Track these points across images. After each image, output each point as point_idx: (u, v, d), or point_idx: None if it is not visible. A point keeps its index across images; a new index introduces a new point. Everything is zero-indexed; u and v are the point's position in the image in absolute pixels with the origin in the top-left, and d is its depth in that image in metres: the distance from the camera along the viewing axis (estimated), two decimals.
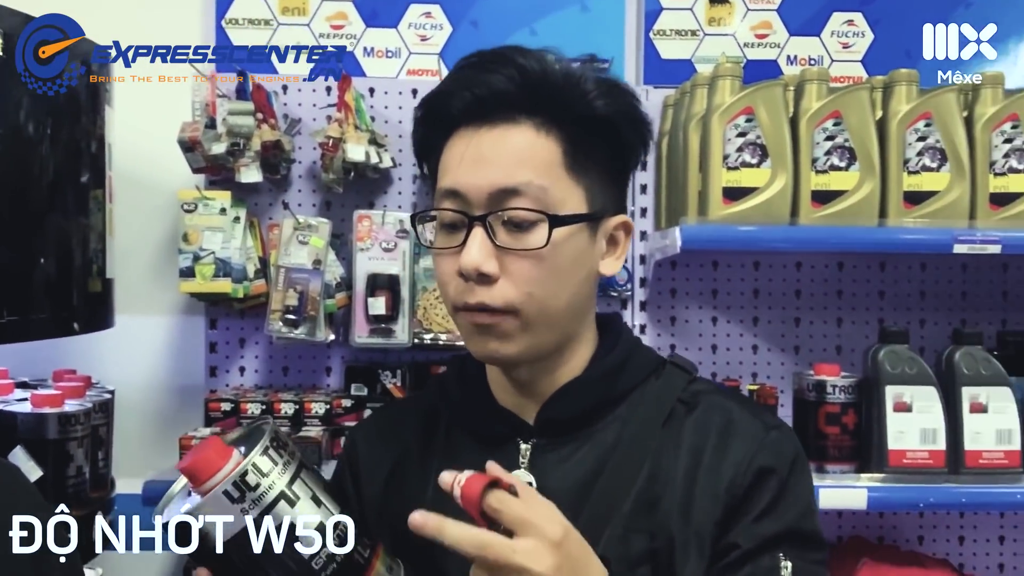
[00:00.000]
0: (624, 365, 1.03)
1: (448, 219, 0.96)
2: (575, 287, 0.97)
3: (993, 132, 1.78)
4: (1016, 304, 2.15)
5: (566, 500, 0.93)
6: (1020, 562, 2.17)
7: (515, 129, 0.94)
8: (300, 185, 2.08)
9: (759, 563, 0.92)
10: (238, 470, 0.79)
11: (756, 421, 0.99)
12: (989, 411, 1.76)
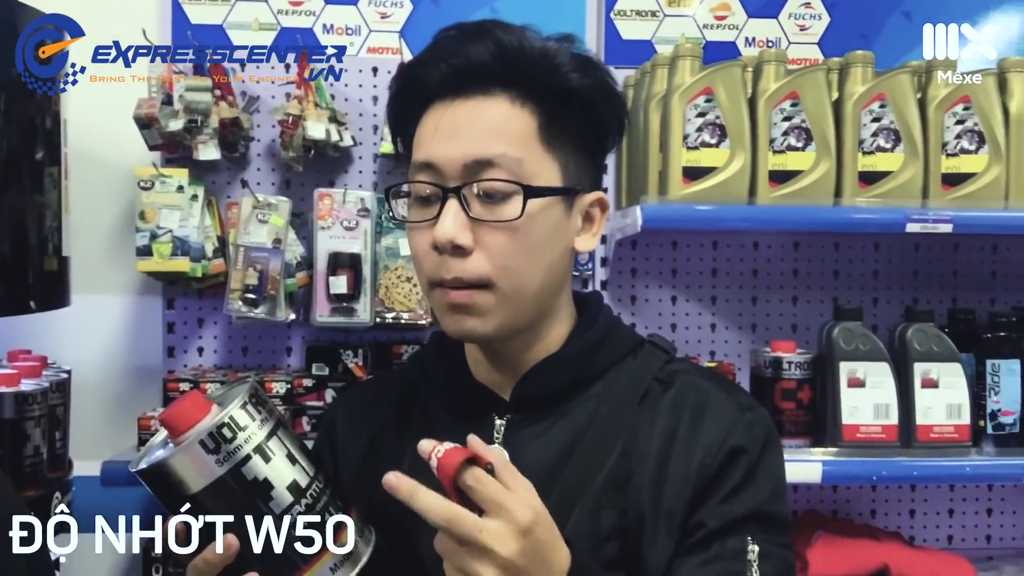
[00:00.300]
0: (602, 343, 1.03)
1: (422, 192, 0.95)
2: (550, 262, 0.97)
3: (946, 113, 1.81)
4: (966, 283, 2.21)
5: (539, 476, 0.93)
6: (968, 534, 2.24)
7: (490, 101, 0.94)
8: (259, 163, 2.06)
9: (726, 544, 0.93)
10: (215, 422, 0.80)
11: (731, 402, 1.00)
12: (940, 386, 1.81)
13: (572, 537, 0.89)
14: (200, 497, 0.80)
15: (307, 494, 0.82)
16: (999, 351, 1.86)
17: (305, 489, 0.82)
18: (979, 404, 1.85)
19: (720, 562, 0.92)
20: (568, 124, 0.97)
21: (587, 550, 0.91)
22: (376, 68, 2.08)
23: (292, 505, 0.81)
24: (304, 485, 0.82)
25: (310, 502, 0.82)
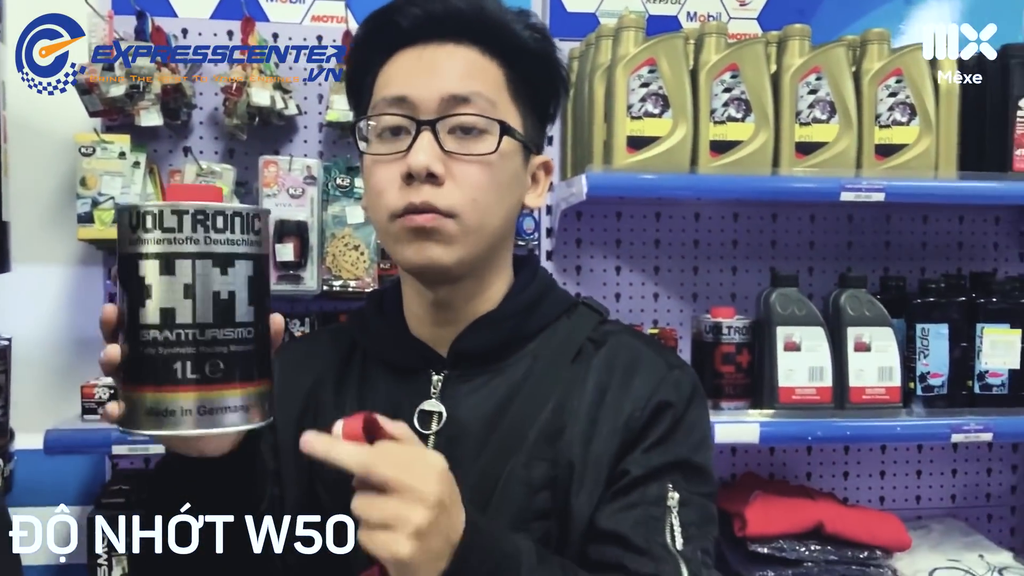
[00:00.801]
0: (538, 303, 1.05)
1: (392, 124, 0.96)
2: (508, 208, 1.00)
3: (879, 86, 1.87)
4: (897, 252, 2.28)
5: (475, 429, 0.98)
6: (899, 495, 2.33)
7: (463, 48, 0.98)
8: (201, 131, 2.04)
9: (647, 490, 0.96)
10: (168, 204, 0.75)
11: (660, 360, 1.03)
12: (872, 350, 1.88)
13: (508, 487, 0.93)
14: (118, 261, 0.77)
15: (180, 330, 0.74)
16: (928, 316, 1.94)
17: (179, 325, 0.74)
18: (909, 367, 1.93)
19: (641, 507, 0.95)
20: (526, 83, 1.00)
21: (521, 499, 0.95)
22: (321, 36, 2.07)
23: (156, 327, 0.74)
24: (182, 321, 0.74)
25: (177, 339, 0.74)
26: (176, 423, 0.74)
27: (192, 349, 0.74)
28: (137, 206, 0.75)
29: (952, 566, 2.01)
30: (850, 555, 1.91)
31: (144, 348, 0.74)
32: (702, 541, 0.96)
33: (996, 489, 2.36)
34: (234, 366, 0.76)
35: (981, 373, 1.94)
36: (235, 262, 0.76)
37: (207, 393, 0.75)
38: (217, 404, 0.75)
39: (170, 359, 0.74)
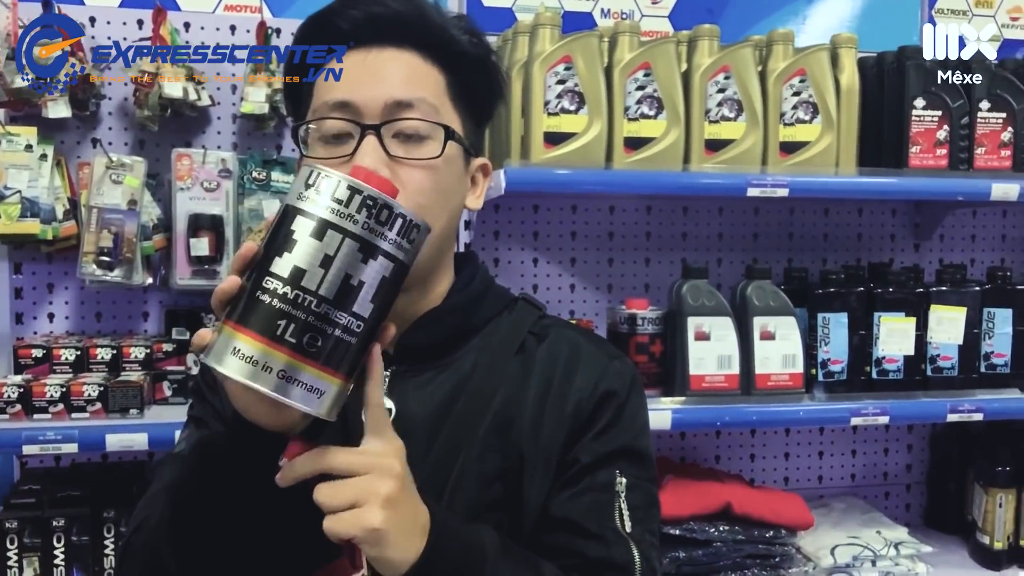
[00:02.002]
0: (480, 298, 1.08)
1: (335, 129, 0.96)
2: (452, 211, 1.02)
3: (784, 85, 1.95)
4: (800, 244, 2.38)
5: (425, 424, 0.99)
6: (802, 475, 2.44)
7: (405, 53, 0.98)
8: (111, 122, 1.99)
9: (596, 477, 1.00)
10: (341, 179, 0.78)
11: (600, 352, 1.07)
12: (776, 338, 1.96)
13: (461, 480, 0.95)
14: (281, 209, 0.80)
15: (299, 291, 0.75)
16: (829, 306, 2.03)
17: (302, 287, 0.76)
18: (811, 354, 2.02)
19: (591, 493, 0.99)
20: (465, 87, 1.02)
21: (474, 491, 0.97)
22: (234, 26, 2.04)
23: (281, 280, 0.76)
24: (307, 285, 0.75)
25: (294, 299, 0.75)
26: (255, 375, 0.75)
27: (303, 315, 0.75)
28: (322, 169, 0.78)
29: (852, 542, 2.12)
30: (757, 534, 1.99)
31: (262, 294, 0.75)
32: (649, 523, 1.01)
33: (892, 468, 2.49)
34: (330, 350, 0.77)
35: (878, 359, 2.05)
36: (379, 257, 0.78)
37: (295, 361, 0.75)
38: (298, 376, 0.75)
39: (278, 314, 0.75)
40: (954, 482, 2.38)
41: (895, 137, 2.04)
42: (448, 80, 1.00)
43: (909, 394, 2.05)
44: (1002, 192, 2.00)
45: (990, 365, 2.10)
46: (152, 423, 1.72)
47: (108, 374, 1.82)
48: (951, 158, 2.04)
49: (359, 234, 0.77)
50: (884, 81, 2.06)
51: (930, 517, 2.47)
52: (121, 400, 1.73)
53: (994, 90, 2.05)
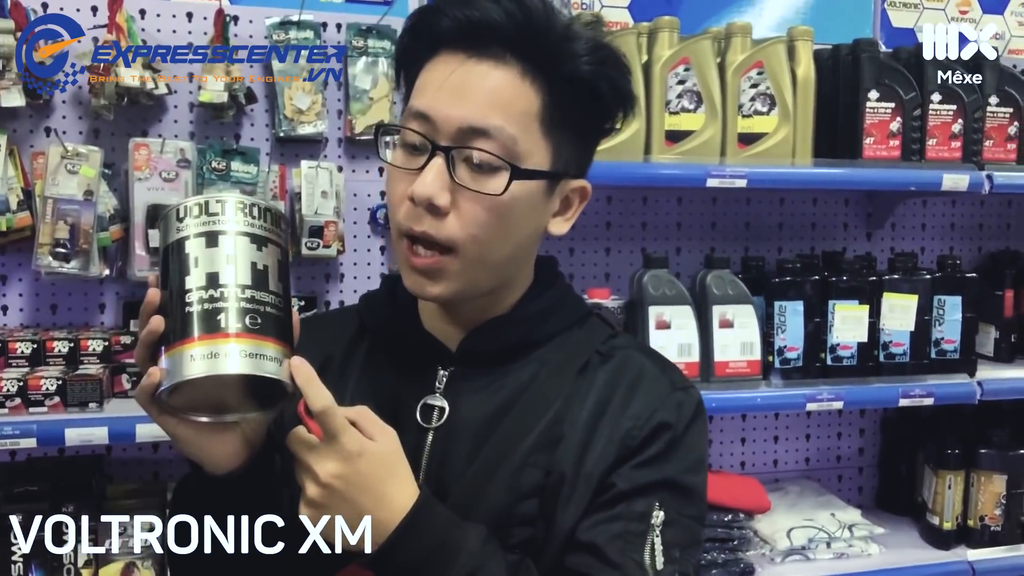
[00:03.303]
0: (552, 310, 1.04)
1: (412, 140, 0.94)
2: (520, 240, 0.97)
3: (742, 78, 1.98)
4: (756, 233, 2.42)
5: (474, 428, 0.98)
6: (758, 459, 2.49)
7: (501, 69, 0.92)
8: (65, 111, 1.95)
9: (632, 505, 0.94)
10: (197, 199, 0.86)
11: (665, 379, 1.01)
12: (735, 326, 2.00)
13: (496, 490, 0.95)
14: (159, 256, 0.87)
15: (223, 288, 0.83)
16: (785, 294, 2.07)
17: (222, 284, 0.83)
18: (768, 342, 2.06)
19: (622, 521, 0.94)
20: (571, 110, 0.95)
21: (506, 504, 0.95)
22: (191, 13, 2.01)
23: (202, 288, 0.82)
24: (224, 281, 0.83)
25: (221, 296, 0.82)
26: (221, 364, 0.80)
27: (235, 303, 0.82)
28: (183, 201, 0.85)
29: (807, 525, 2.17)
30: (715, 518, 2.04)
31: (190, 307, 0.81)
32: (683, 565, 0.95)
33: (845, 452, 2.55)
34: (269, 323, 0.84)
35: (833, 346, 2.10)
36: (268, 244, 0.86)
37: (249, 340, 0.81)
38: (257, 351, 0.82)
39: (214, 312, 0.81)
40: (905, 465, 2.45)
41: (849, 128, 2.09)
42: (544, 102, 0.93)
43: (862, 380, 2.11)
44: (952, 183, 2.06)
45: (940, 351, 2.16)
46: (112, 417, 1.70)
47: (66, 367, 1.79)
48: (904, 149, 2.09)
49: (245, 230, 0.85)
50: (839, 73, 2.10)
51: (882, 499, 2.54)
52: (80, 394, 1.70)
53: (945, 83, 2.10)
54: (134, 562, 1.82)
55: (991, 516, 2.24)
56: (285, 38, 1.99)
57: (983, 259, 2.59)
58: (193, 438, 0.88)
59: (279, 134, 2.01)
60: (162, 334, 0.82)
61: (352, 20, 2.07)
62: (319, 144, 2.09)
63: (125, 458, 2.04)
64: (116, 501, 1.91)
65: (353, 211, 2.11)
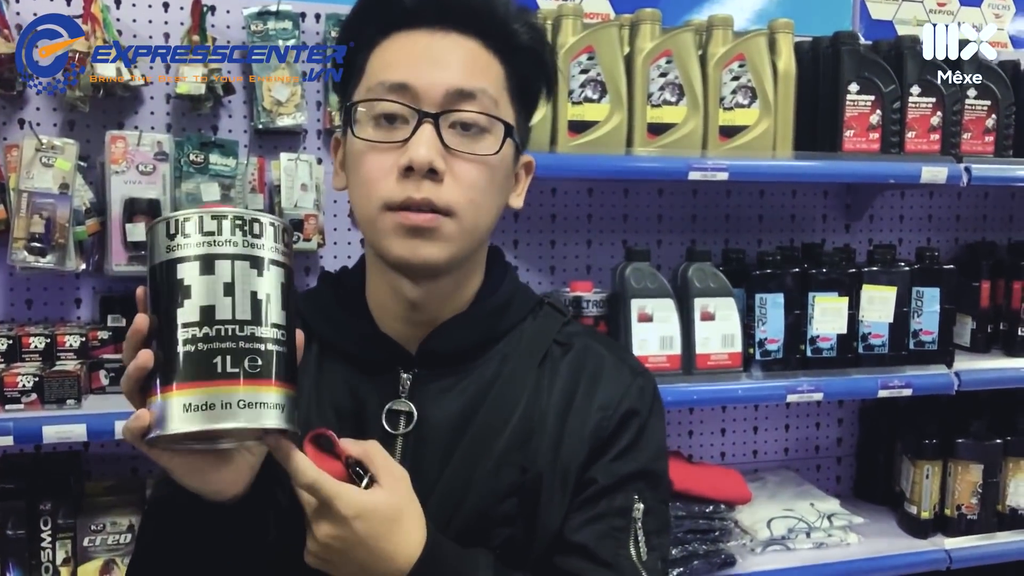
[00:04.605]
0: (508, 305, 1.04)
1: (390, 110, 0.92)
2: (498, 208, 0.99)
3: (723, 70, 1.97)
4: (737, 225, 2.43)
5: (445, 431, 0.97)
6: (738, 450, 2.50)
7: (468, 40, 0.95)
8: (39, 103, 1.92)
9: (614, 500, 0.97)
10: (181, 214, 0.77)
11: (624, 367, 1.04)
12: (716, 319, 2.00)
13: (475, 492, 0.95)
14: (148, 274, 0.78)
15: (220, 326, 0.75)
16: (765, 286, 2.08)
17: (219, 321, 0.75)
18: (749, 334, 2.07)
19: (607, 518, 0.96)
20: (522, 81, 0.99)
21: (487, 504, 0.95)
22: (167, 3, 1.98)
23: (196, 325, 0.75)
24: (222, 317, 0.75)
25: (217, 335, 0.75)
26: (217, 417, 0.74)
27: (233, 343, 0.75)
28: (175, 215, 0.76)
29: (787, 515, 2.19)
30: (697, 510, 2.04)
31: (183, 346, 0.74)
32: (662, 550, 0.99)
33: (824, 442, 2.57)
34: (270, 364, 0.76)
35: (812, 338, 2.11)
36: (270, 267, 0.78)
37: (247, 387, 0.75)
38: (257, 399, 0.75)
39: (211, 354, 0.74)
40: (883, 454, 2.47)
41: (830, 121, 2.09)
42: (507, 72, 0.97)
43: (842, 371, 2.12)
44: (931, 175, 2.07)
45: (919, 342, 2.18)
46: (90, 414, 1.68)
47: (43, 363, 1.77)
48: (883, 142, 2.10)
49: (244, 253, 0.77)
50: (819, 66, 2.11)
51: (860, 488, 2.56)
52: (57, 390, 1.68)
53: (924, 75, 2.11)
54: (113, 559, 1.81)
55: (968, 505, 2.27)
56: (263, 28, 1.97)
57: (960, 250, 2.61)
58: (190, 469, 0.82)
59: (258, 126, 1.98)
60: (152, 368, 0.75)
61: (331, 11, 2.05)
62: (298, 136, 2.07)
63: (103, 454, 2.02)
64: (94, 498, 1.89)
65: (333, 204, 2.10)
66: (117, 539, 1.81)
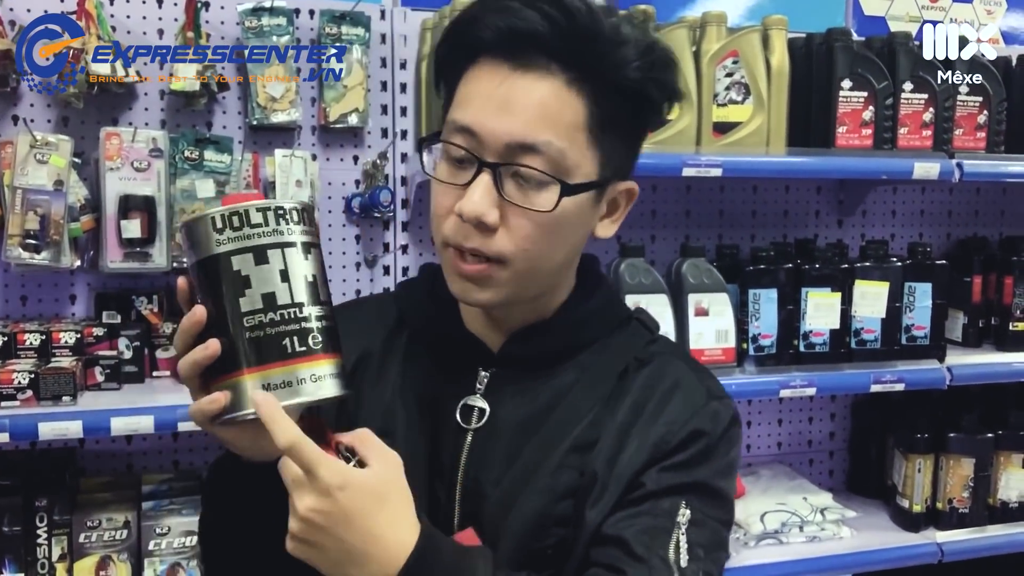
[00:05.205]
0: (595, 316, 1.03)
1: (456, 155, 0.92)
2: (569, 248, 0.97)
3: (717, 67, 1.98)
4: (730, 221, 2.44)
5: (514, 431, 0.98)
6: None
7: (546, 80, 0.89)
8: (33, 99, 1.92)
9: (660, 503, 0.93)
10: (233, 207, 0.82)
11: (701, 388, 1.00)
12: (710, 314, 2.01)
13: (534, 492, 0.95)
14: (196, 267, 0.83)
15: (283, 310, 0.82)
16: (759, 282, 2.09)
17: (281, 306, 0.82)
18: (742, 329, 2.08)
19: (648, 516, 0.93)
20: (618, 115, 0.93)
21: (544, 505, 0.95)
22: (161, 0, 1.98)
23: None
24: (283, 303, 0.82)
25: (281, 319, 0.82)
26: (295, 393, 0.81)
27: (296, 325, 0.82)
28: (219, 210, 0.82)
29: (780, 509, 2.20)
30: None
31: (252, 332, 0.81)
32: (707, 564, 0.93)
33: (816, 436, 2.59)
34: (326, 339, 0.83)
35: (805, 333, 2.12)
36: (312, 250, 0.85)
37: (312, 363, 0.82)
38: (319, 372, 0.82)
39: (280, 336, 0.81)
40: (875, 448, 2.48)
41: (823, 117, 2.10)
42: (591, 111, 0.90)
43: (835, 366, 2.13)
44: (924, 171, 2.08)
45: (911, 337, 2.19)
46: (86, 410, 1.69)
47: (38, 360, 1.77)
48: (876, 138, 2.11)
49: (291, 240, 0.83)
50: (812, 62, 2.11)
51: (852, 482, 2.58)
52: (53, 387, 1.68)
53: (916, 71, 2.12)
54: (109, 555, 1.81)
55: (959, 499, 2.29)
56: (257, 24, 1.96)
57: (952, 246, 2.63)
58: (247, 439, 0.86)
59: (252, 122, 1.98)
60: (220, 356, 0.81)
61: (325, 7, 2.05)
62: (293, 132, 2.07)
63: (98, 450, 2.02)
64: (90, 494, 1.90)
65: (328, 200, 2.10)
66: (113, 535, 1.81)
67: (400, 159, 2.13)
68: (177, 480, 1.97)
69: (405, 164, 2.14)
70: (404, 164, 2.14)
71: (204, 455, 2.09)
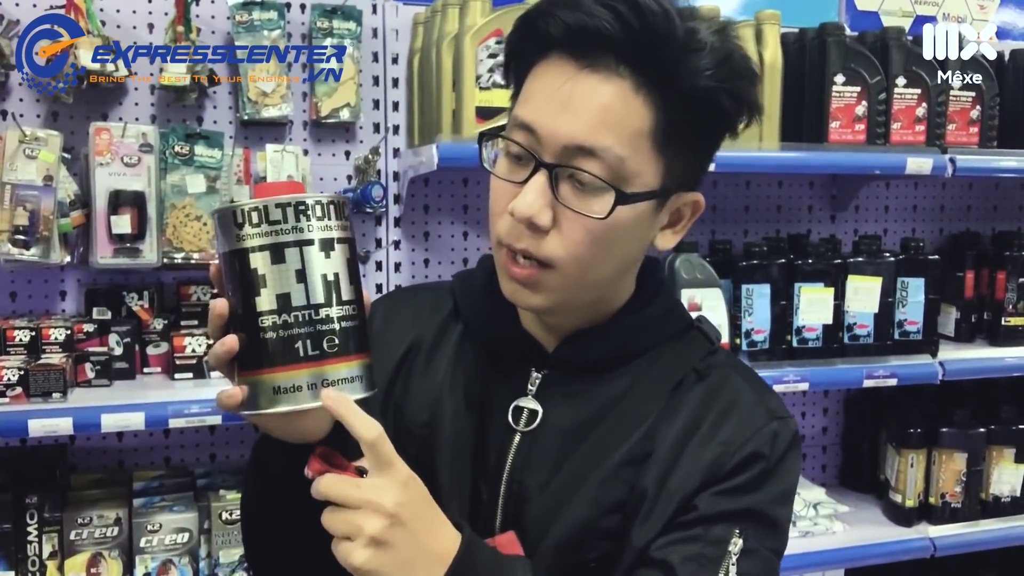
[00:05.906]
0: (653, 323, 1.00)
1: (515, 152, 0.89)
2: (624, 257, 0.93)
3: None
4: (723, 216, 2.43)
5: (564, 436, 0.95)
6: None
7: (612, 82, 0.85)
8: (22, 94, 1.90)
9: (711, 529, 0.90)
10: (256, 202, 0.80)
11: (761, 407, 0.96)
12: (703, 309, 2.00)
13: (581, 501, 0.92)
14: (222, 258, 0.82)
15: (297, 312, 0.80)
16: (752, 277, 2.09)
17: (295, 307, 0.80)
18: (735, 324, 2.08)
19: (699, 543, 0.89)
20: (687, 124, 0.88)
21: (589, 516, 0.92)
22: None
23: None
24: (297, 304, 0.80)
25: (296, 321, 0.80)
26: (301, 398, 0.79)
27: (310, 327, 0.80)
28: (239, 204, 0.80)
29: None
30: None
31: (265, 333, 0.79)
32: None
33: (810, 431, 2.59)
34: (347, 340, 0.81)
35: (799, 328, 2.12)
36: (335, 246, 0.81)
37: (329, 366, 0.80)
38: (336, 376, 0.80)
39: (292, 339, 0.79)
40: (868, 443, 2.49)
41: (816, 112, 2.10)
42: (657, 118, 0.86)
43: (828, 361, 2.13)
44: (916, 166, 2.08)
45: (903, 332, 2.20)
46: (76, 407, 1.68)
47: (28, 357, 1.75)
48: (868, 133, 2.11)
49: (312, 238, 0.80)
50: (805, 57, 2.11)
51: (845, 477, 2.58)
52: (43, 384, 1.67)
53: (909, 67, 2.12)
54: (100, 552, 1.80)
55: (952, 493, 2.29)
56: (248, 18, 1.95)
57: (944, 241, 2.63)
58: (278, 425, 0.84)
59: (243, 117, 1.97)
60: (239, 350, 0.80)
61: (316, 1, 2.03)
62: (284, 127, 2.06)
63: (89, 447, 2.01)
64: (80, 491, 1.89)
65: None
66: (104, 532, 1.80)
67: (392, 154, 2.13)
68: (168, 477, 1.96)
69: (397, 159, 2.13)
70: (396, 159, 2.13)
71: (195, 451, 2.09)
